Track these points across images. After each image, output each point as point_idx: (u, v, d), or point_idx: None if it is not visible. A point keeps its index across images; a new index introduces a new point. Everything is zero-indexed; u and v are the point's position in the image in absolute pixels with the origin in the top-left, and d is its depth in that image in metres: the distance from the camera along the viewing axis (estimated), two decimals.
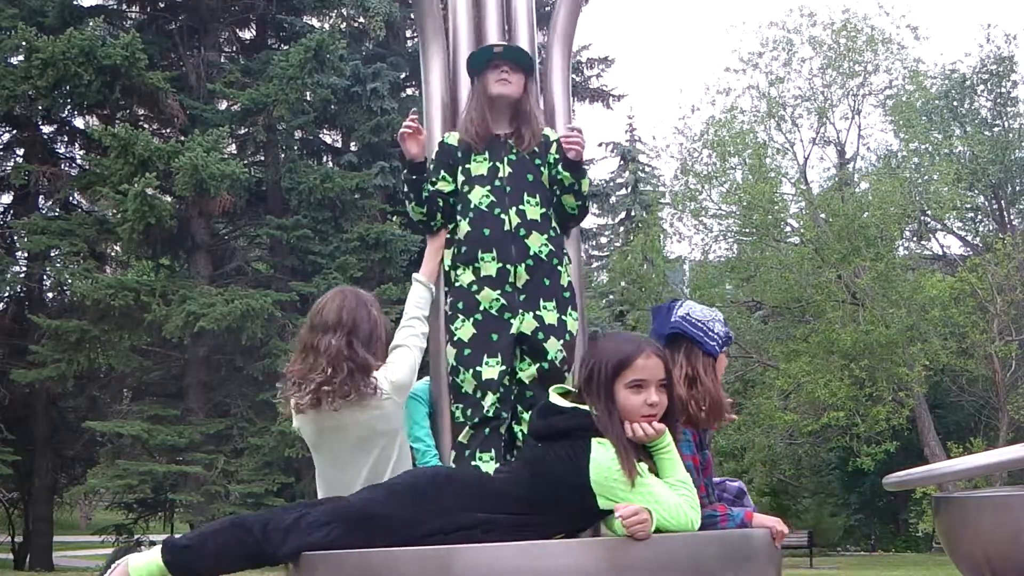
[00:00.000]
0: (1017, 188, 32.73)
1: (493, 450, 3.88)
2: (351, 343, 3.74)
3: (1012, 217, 32.94)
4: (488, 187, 4.04)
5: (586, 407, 3.23)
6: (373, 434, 3.76)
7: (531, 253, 3.98)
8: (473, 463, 3.83)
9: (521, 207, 4.02)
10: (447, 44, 4.41)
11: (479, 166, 4.09)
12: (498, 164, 4.08)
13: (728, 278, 29.88)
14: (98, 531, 22.64)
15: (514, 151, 4.10)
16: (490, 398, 3.86)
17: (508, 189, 4.04)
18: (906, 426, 25.77)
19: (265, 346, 18.83)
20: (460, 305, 3.97)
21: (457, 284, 4.01)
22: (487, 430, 3.87)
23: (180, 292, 18.57)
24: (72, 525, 32.63)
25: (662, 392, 3.28)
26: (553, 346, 3.94)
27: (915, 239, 31.68)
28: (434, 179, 4.12)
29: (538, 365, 3.93)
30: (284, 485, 19.08)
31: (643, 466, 3.18)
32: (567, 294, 4.04)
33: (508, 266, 3.96)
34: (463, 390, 3.90)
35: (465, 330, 3.93)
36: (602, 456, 3.13)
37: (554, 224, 4.07)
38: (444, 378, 4.04)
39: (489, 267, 3.96)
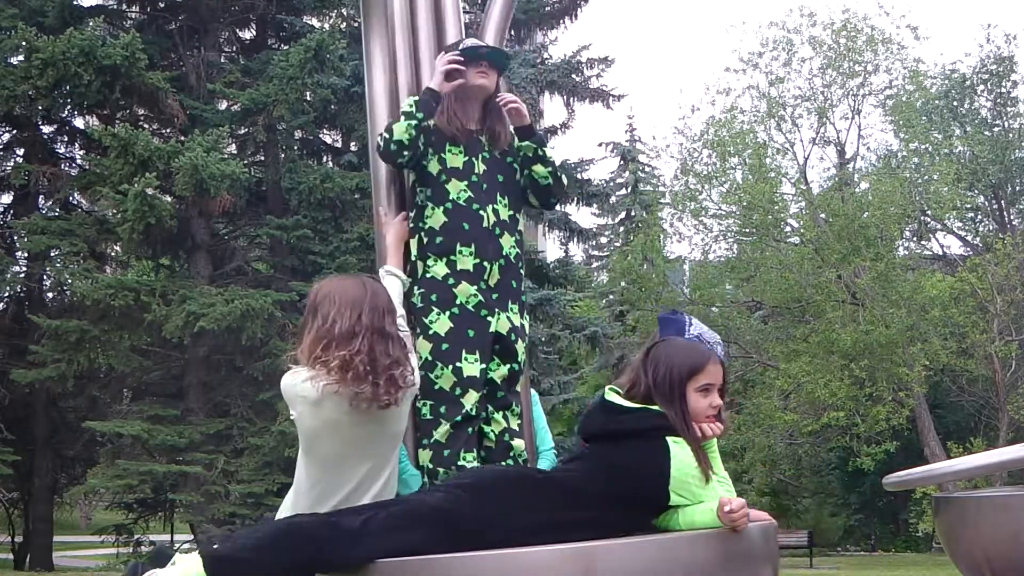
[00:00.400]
0: (1017, 188, 32.73)
1: (475, 450, 3.87)
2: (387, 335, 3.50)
3: (1012, 217, 32.94)
4: (466, 182, 4.00)
5: (656, 408, 3.34)
6: (398, 430, 3.57)
7: (503, 253, 3.99)
8: (459, 463, 3.80)
9: (495, 206, 4.01)
10: (387, 33, 4.38)
11: (455, 158, 4.04)
12: (474, 160, 4.05)
13: (728, 278, 29.89)
14: (98, 531, 22.65)
15: (487, 149, 4.09)
16: (472, 396, 3.83)
17: (484, 187, 4.02)
18: (906, 426, 25.77)
19: (265, 346, 18.83)
20: (434, 297, 3.92)
21: (429, 276, 3.94)
22: (470, 429, 3.84)
23: (180, 292, 18.57)
24: (72, 525, 32.62)
25: (720, 395, 3.48)
26: (520, 348, 3.99)
27: (915, 239, 31.68)
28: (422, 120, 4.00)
29: (509, 366, 3.96)
30: (284, 485, 19.04)
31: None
32: (524, 298, 4.09)
33: (485, 263, 3.94)
34: (437, 386, 3.83)
35: (441, 324, 3.88)
36: (682, 454, 3.27)
37: (519, 227, 4.09)
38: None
39: (466, 261, 3.92)
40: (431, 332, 3.89)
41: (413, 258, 4.02)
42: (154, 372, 20.90)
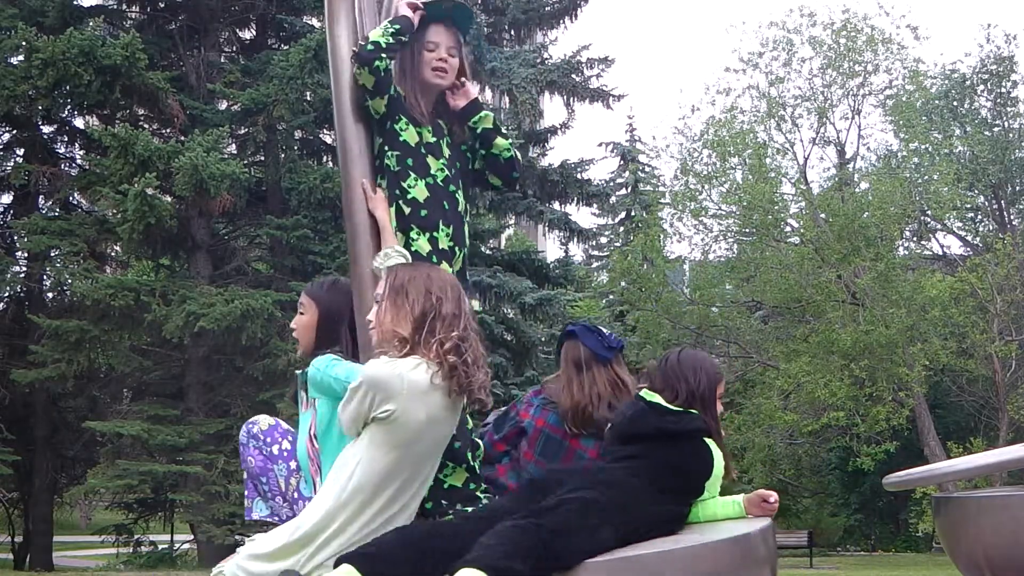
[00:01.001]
0: (1017, 188, 32.71)
1: None
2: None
3: (1012, 217, 32.92)
4: (442, 160, 3.95)
5: (695, 411, 3.70)
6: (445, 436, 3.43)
7: (465, 243, 3.98)
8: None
9: (460, 192, 3.99)
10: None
11: (428, 135, 3.97)
12: (441, 143, 4.00)
13: (728, 278, 29.86)
14: (98, 531, 22.66)
15: (447, 135, 4.05)
16: None
17: (452, 171, 3.98)
18: (906, 426, 25.76)
19: (265, 346, 18.83)
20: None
21: (414, 249, 3.82)
22: None
23: (180, 292, 18.57)
24: (72, 525, 32.62)
25: None
26: None
27: (915, 239, 31.66)
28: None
29: None
30: None
31: None
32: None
33: (456, 248, 3.92)
34: None
35: None
36: (719, 454, 3.70)
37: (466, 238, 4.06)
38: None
39: (444, 242, 3.88)
40: None
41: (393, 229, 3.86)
42: (154, 372, 20.91)
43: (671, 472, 3.54)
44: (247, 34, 24.09)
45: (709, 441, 3.67)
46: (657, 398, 3.71)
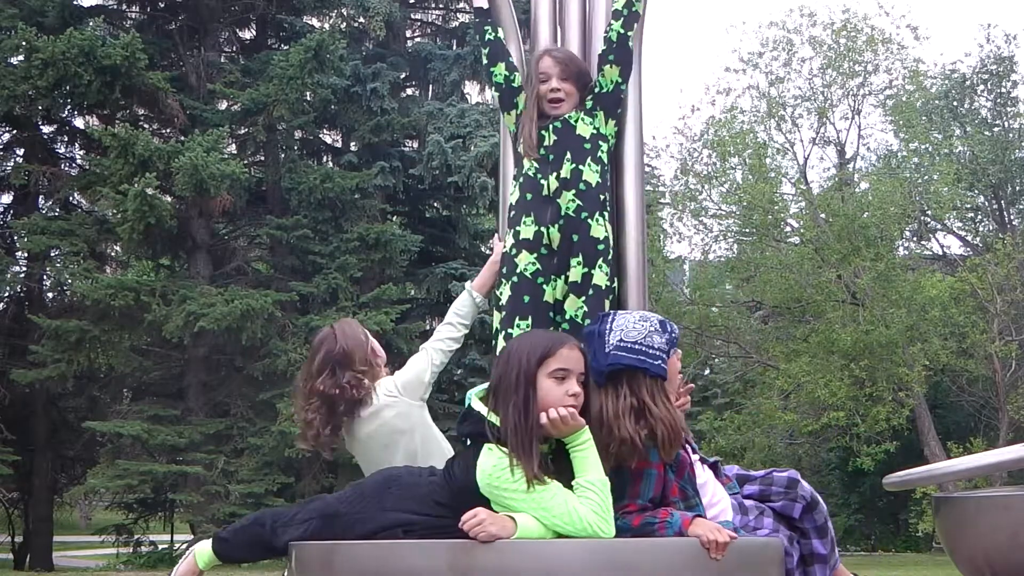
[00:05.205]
0: (1017, 188, 32.70)
1: None
2: (335, 376, 4.13)
3: (1012, 217, 32.91)
4: (539, 153, 4.09)
5: (483, 410, 3.27)
6: (394, 433, 4.13)
7: (561, 214, 4.00)
8: None
9: (560, 172, 4.03)
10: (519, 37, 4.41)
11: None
12: (544, 133, 4.11)
13: (728, 278, 29.87)
14: (98, 531, 22.64)
15: (558, 120, 4.13)
16: None
17: (551, 157, 4.06)
18: (906, 426, 25.75)
19: (265, 346, 18.83)
20: (504, 270, 4.04)
21: (505, 250, 4.08)
22: None
23: (180, 292, 18.57)
24: (72, 525, 32.60)
25: (582, 386, 3.28)
26: (572, 305, 3.95)
27: (915, 239, 31.66)
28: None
29: (560, 328, 3.93)
30: (284, 485, 19.08)
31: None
32: (601, 247, 3.98)
33: (542, 228, 3.99)
34: (498, 352, 3.91)
35: (504, 292, 4.00)
36: (486, 463, 3.17)
37: (586, 177, 4.02)
38: None
39: (528, 230, 4.00)
40: (500, 303, 4.04)
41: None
42: (154, 372, 20.91)
43: (450, 484, 3.32)
44: (247, 34, 24.09)
45: (488, 447, 3.18)
46: (474, 399, 3.39)
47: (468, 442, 3.40)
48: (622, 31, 4.15)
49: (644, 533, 3.24)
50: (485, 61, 4.25)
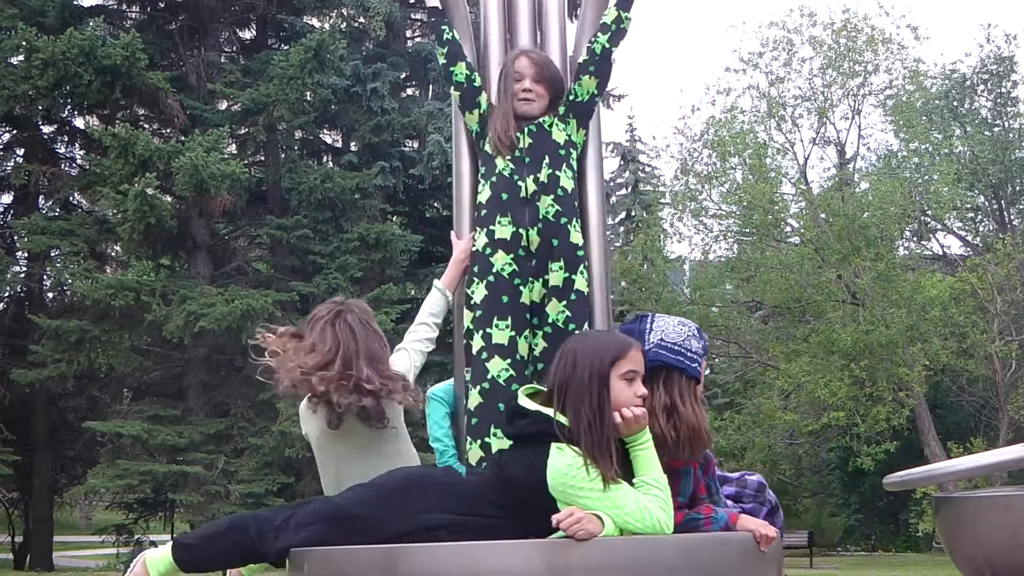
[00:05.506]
0: (1017, 188, 32.72)
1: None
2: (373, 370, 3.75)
3: (1012, 217, 32.93)
4: (510, 155, 4.06)
5: (548, 411, 3.22)
6: (376, 434, 3.78)
7: (539, 216, 4.00)
8: (485, 439, 3.80)
9: (537, 175, 4.03)
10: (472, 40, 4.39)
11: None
12: (519, 136, 4.10)
13: (728, 278, 29.88)
14: (98, 531, 22.66)
15: (533, 123, 4.12)
16: (498, 363, 3.84)
17: (527, 159, 4.06)
18: (906, 426, 25.77)
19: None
20: (476, 268, 4.00)
21: (475, 248, 4.04)
22: (500, 405, 3.80)
23: (180, 292, 18.57)
24: (72, 525, 32.63)
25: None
26: (554, 308, 3.94)
27: (915, 239, 31.68)
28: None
29: (542, 332, 3.94)
30: (284, 485, 19.07)
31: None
32: (580, 252, 4.01)
33: (521, 230, 3.98)
34: (473, 351, 3.91)
35: (479, 292, 3.96)
36: (559, 462, 3.14)
37: (563, 183, 4.04)
38: (464, 379, 4.02)
39: (504, 231, 3.97)
40: (472, 301, 3.97)
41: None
42: (154, 372, 20.92)
43: (506, 484, 3.23)
44: (247, 34, 24.10)
45: (557, 446, 3.15)
46: (525, 397, 3.32)
47: (511, 443, 3.37)
48: (608, 46, 4.19)
49: (688, 529, 3.34)
50: (444, 61, 4.20)
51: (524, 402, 3.30)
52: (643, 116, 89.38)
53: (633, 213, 38.55)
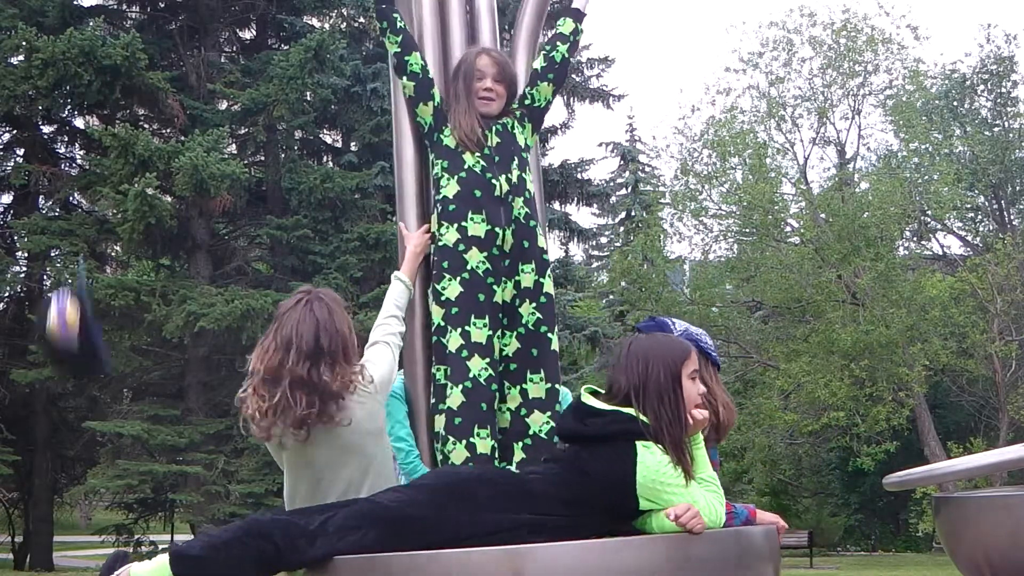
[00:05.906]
0: (1017, 188, 32.73)
1: (489, 427, 3.86)
2: (326, 366, 3.45)
3: (1012, 217, 32.95)
4: (479, 153, 4.05)
5: (628, 411, 3.25)
6: (361, 434, 3.53)
7: (513, 217, 4.02)
8: (470, 439, 3.79)
9: (508, 175, 4.04)
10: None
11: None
12: (487, 133, 4.11)
13: (728, 278, 29.89)
14: (98, 531, 22.63)
15: (499, 122, 4.15)
16: (478, 362, 3.85)
17: (497, 158, 4.06)
18: (906, 426, 25.78)
19: None
20: (446, 264, 3.96)
21: (442, 243, 3.99)
22: (483, 405, 3.83)
23: (180, 292, 18.57)
24: (72, 525, 32.62)
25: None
26: (526, 310, 3.98)
27: (915, 239, 31.69)
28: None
29: (515, 332, 3.97)
30: (284, 485, 19.04)
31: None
32: (546, 256, 4.09)
33: (496, 229, 3.98)
34: (448, 350, 3.87)
35: (452, 289, 3.92)
36: (650, 460, 3.19)
37: (528, 186, 4.08)
38: (420, 376, 4.00)
39: (478, 228, 3.96)
40: (443, 298, 3.94)
41: (433, 230, 4.07)
42: (154, 372, 20.90)
43: (584, 481, 3.19)
44: (247, 34, 24.09)
45: (643, 444, 3.19)
46: (590, 396, 3.33)
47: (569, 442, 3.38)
48: (567, 55, 4.25)
49: None
50: (398, 50, 4.14)
51: (593, 402, 3.33)
52: (643, 116, 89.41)
53: (633, 213, 38.55)
